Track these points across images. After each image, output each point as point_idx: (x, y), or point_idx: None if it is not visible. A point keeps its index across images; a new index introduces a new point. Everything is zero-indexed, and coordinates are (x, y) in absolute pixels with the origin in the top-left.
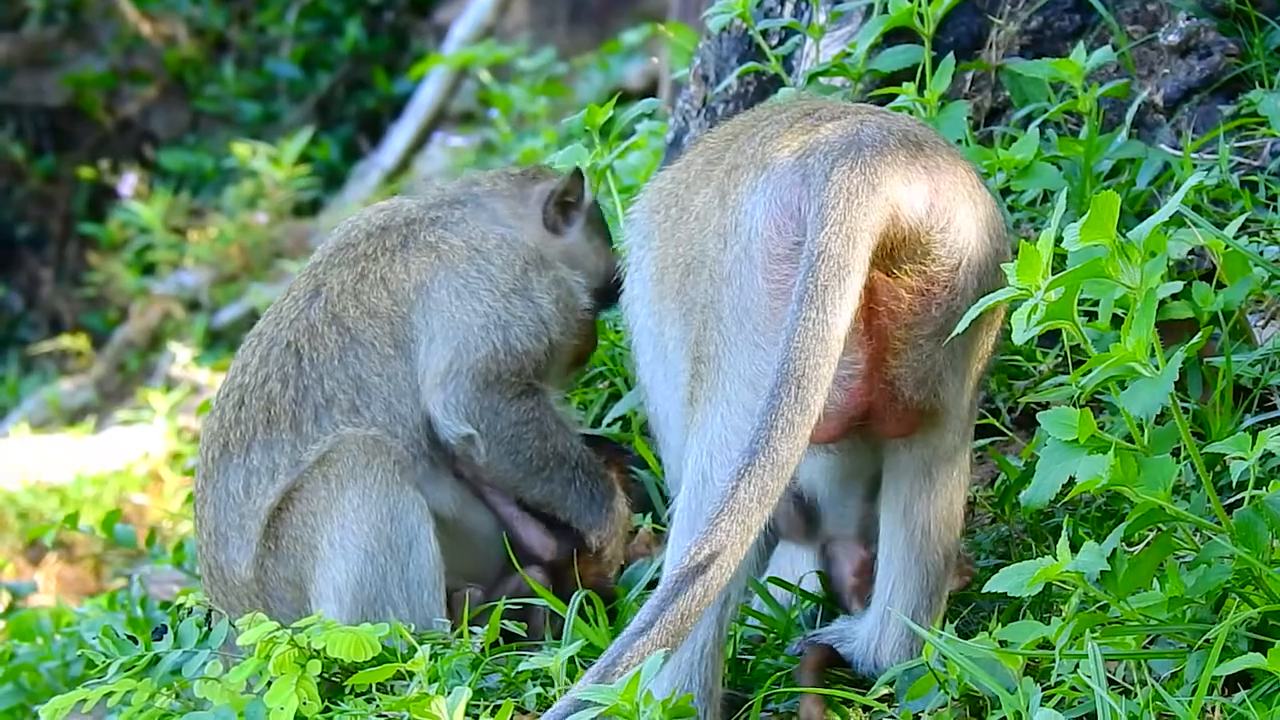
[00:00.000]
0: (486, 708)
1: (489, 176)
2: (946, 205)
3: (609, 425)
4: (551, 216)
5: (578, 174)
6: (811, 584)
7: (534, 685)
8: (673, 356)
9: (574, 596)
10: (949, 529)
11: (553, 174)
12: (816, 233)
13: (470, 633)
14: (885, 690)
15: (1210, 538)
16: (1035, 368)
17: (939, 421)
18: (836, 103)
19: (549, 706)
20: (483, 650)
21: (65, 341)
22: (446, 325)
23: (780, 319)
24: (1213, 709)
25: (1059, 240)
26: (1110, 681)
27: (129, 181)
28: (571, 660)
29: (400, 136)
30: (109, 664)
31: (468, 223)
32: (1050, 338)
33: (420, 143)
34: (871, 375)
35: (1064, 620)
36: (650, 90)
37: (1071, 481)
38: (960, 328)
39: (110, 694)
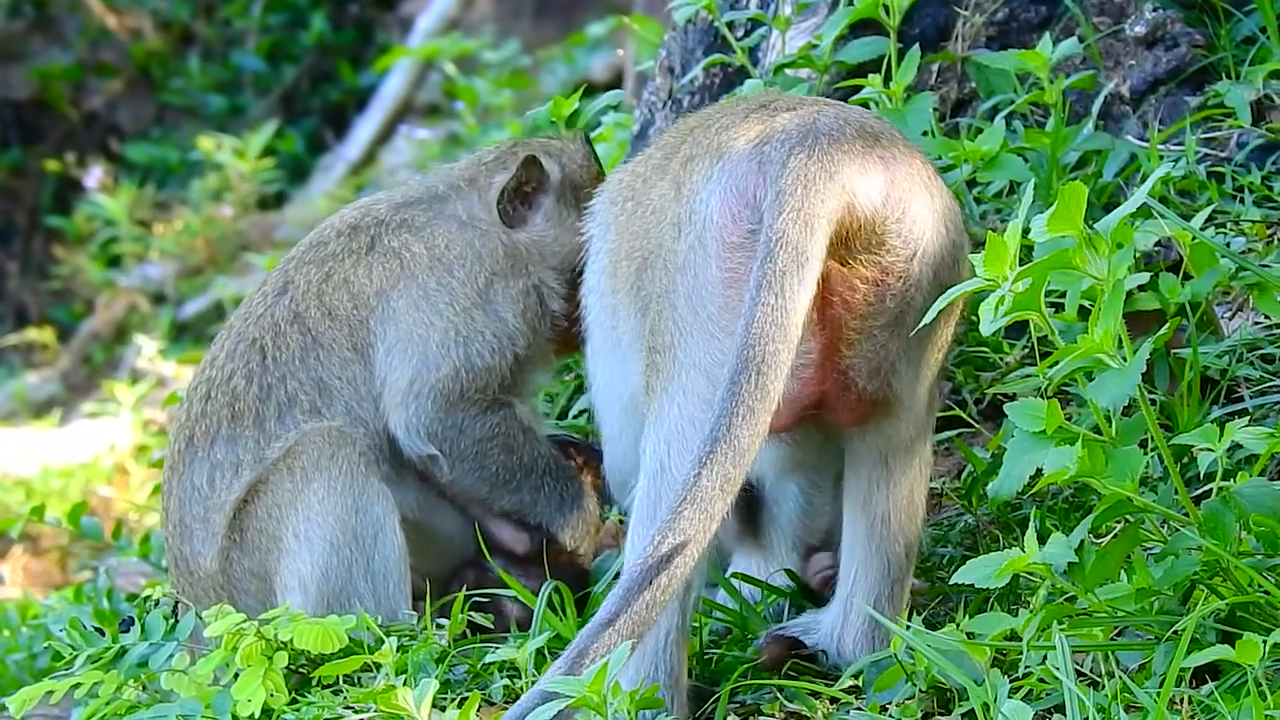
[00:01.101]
0: (454, 699)
1: (462, 169)
2: (902, 195)
3: (575, 418)
4: (508, 213)
5: (529, 162)
6: (780, 579)
7: (501, 676)
8: (627, 349)
9: (543, 587)
10: (910, 519)
11: (536, 144)
12: (774, 219)
13: (436, 625)
14: (852, 682)
15: (1178, 529)
16: (1002, 359)
17: (893, 411)
18: (794, 96)
19: (516, 698)
20: (450, 642)
21: (31, 334)
22: (403, 338)
23: (735, 308)
24: (1181, 700)
25: (1026, 231)
26: (1078, 673)
27: (94, 174)
28: (540, 652)
29: (365, 129)
30: (76, 656)
31: (433, 227)
32: (1017, 329)
33: (385, 135)
34: (824, 364)
35: (1031, 612)
36: (615, 82)
37: (1039, 473)
38: (926, 319)
39: (77, 686)
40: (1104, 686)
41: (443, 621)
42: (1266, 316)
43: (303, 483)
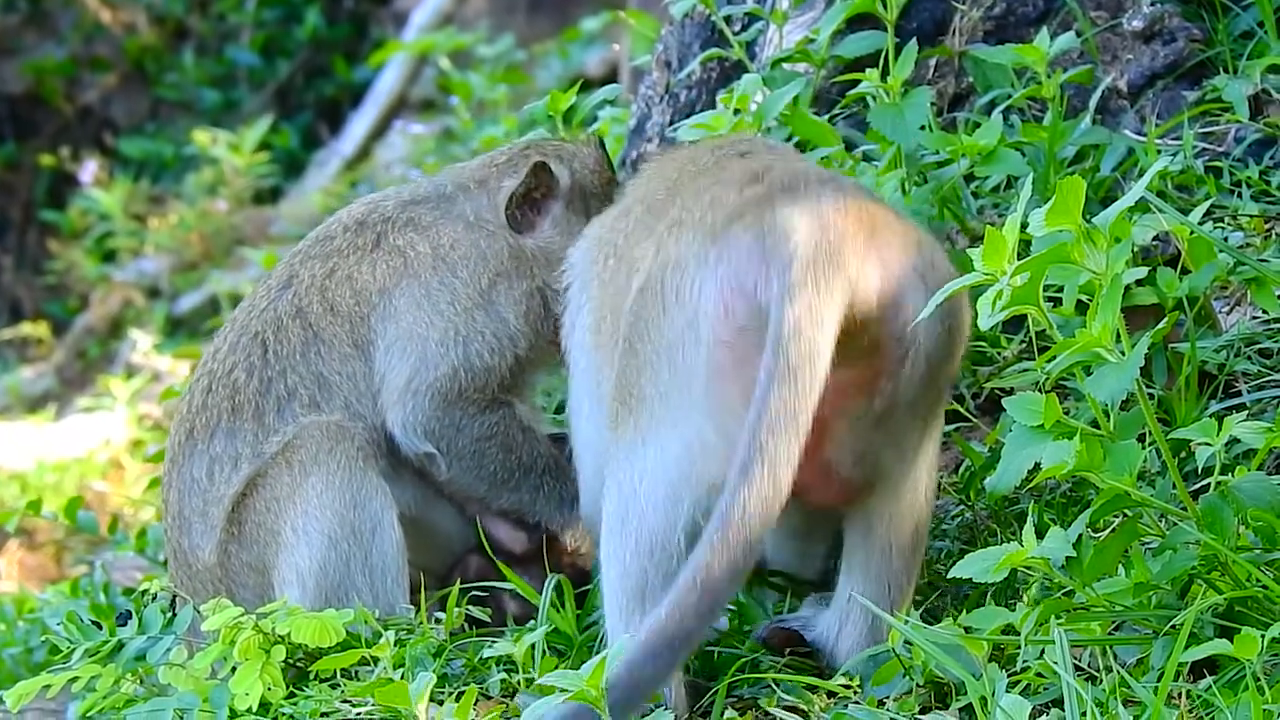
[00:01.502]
0: (451, 693)
1: (473, 169)
2: (897, 293)
3: None
4: (516, 219)
5: (539, 168)
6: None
7: (499, 671)
8: (607, 406)
9: (548, 581)
10: (914, 550)
11: (549, 148)
12: (785, 310)
13: (434, 620)
14: (846, 681)
15: (1176, 524)
16: (999, 353)
17: (884, 488)
18: (774, 148)
19: (514, 692)
20: (447, 636)
21: (26, 329)
22: (403, 335)
23: (720, 395)
24: (1179, 695)
25: (1024, 226)
26: (1075, 668)
27: (89, 169)
28: (536, 646)
29: (360, 124)
30: (73, 650)
31: (439, 227)
32: (1014, 323)
33: (380, 130)
34: (808, 458)
35: (1029, 606)
36: (610, 77)
37: (1037, 467)
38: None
39: (75, 680)
40: (1101, 681)
41: (440, 616)
42: (1264, 311)
43: (301, 477)
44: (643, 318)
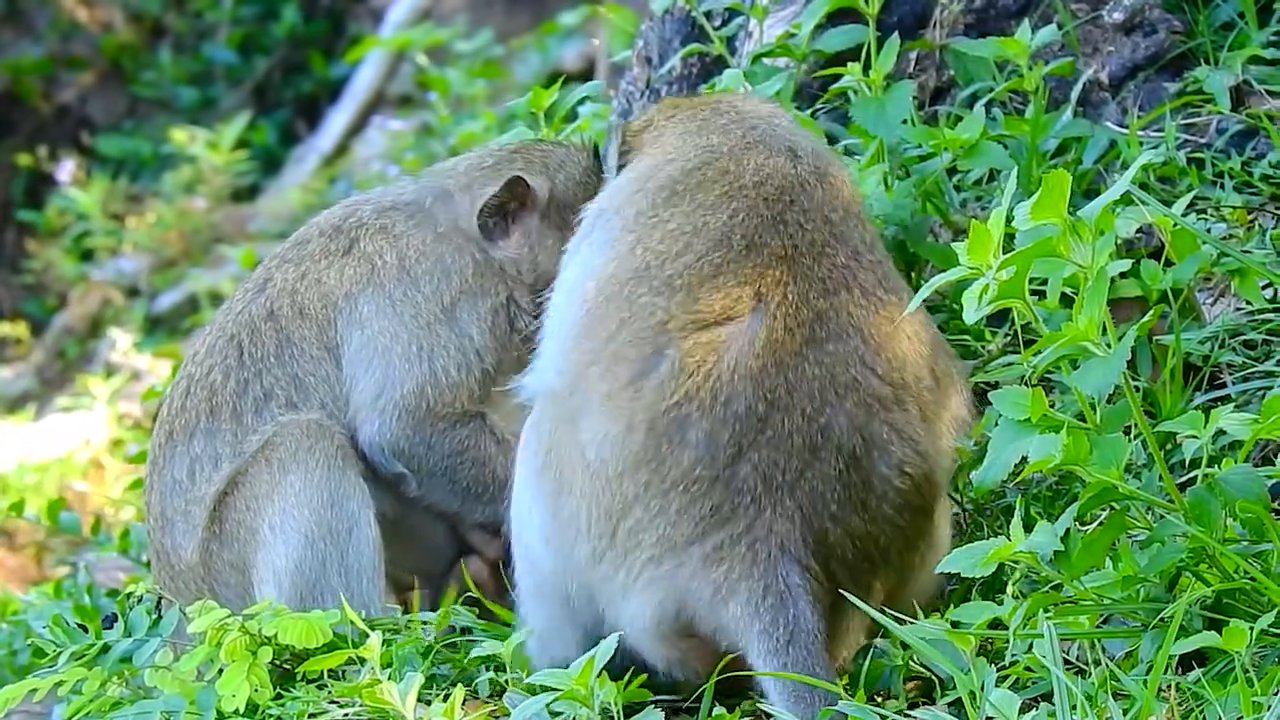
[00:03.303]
0: (439, 694)
1: (461, 172)
2: None
3: None
4: (488, 228)
5: (515, 182)
6: None
7: (486, 671)
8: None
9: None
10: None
11: (536, 155)
12: None
13: (421, 622)
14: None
15: (1164, 516)
16: (984, 347)
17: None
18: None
19: (502, 692)
20: (435, 637)
21: (4, 329)
22: (368, 344)
23: None
24: (1168, 688)
25: (1009, 219)
26: (1064, 661)
27: (67, 168)
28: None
29: (338, 120)
30: (59, 653)
31: (410, 237)
32: (999, 317)
33: (358, 126)
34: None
35: (1017, 600)
36: (588, 72)
37: (1024, 461)
38: None
39: (61, 683)
40: (1091, 674)
41: (428, 616)
42: (1248, 302)
43: (280, 474)
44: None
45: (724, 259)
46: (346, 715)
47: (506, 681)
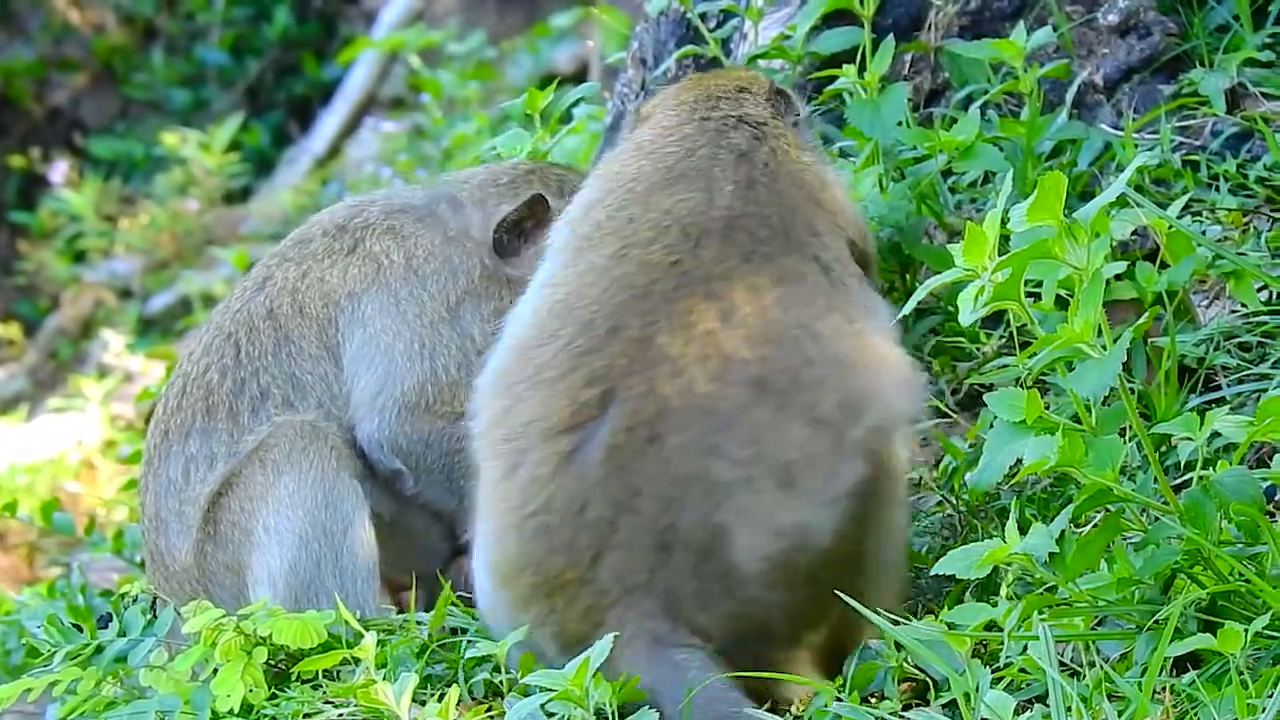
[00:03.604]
0: (434, 694)
1: (474, 186)
2: None
3: None
4: (502, 243)
5: (536, 200)
6: None
7: (481, 671)
8: None
9: None
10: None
11: (552, 177)
12: None
13: (416, 622)
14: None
15: (1158, 519)
16: (979, 349)
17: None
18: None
19: (497, 692)
20: (430, 637)
21: None
22: (369, 343)
23: None
24: (1163, 690)
25: (1004, 221)
26: (1059, 663)
27: (59, 169)
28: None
29: (330, 122)
30: (54, 653)
31: (418, 238)
32: (993, 319)
33: (351, 128)
34: None
35: (1012, 602)
36: (581, 74)
37: (1019, 463)
38: None
39: (55, 683)
40: (1085, 676)
41: (423, 617)
42: (1243, 305)
43: (274, 476)
44: None
45: (584, 347)
46: (341, 715)
47: (501, 682)
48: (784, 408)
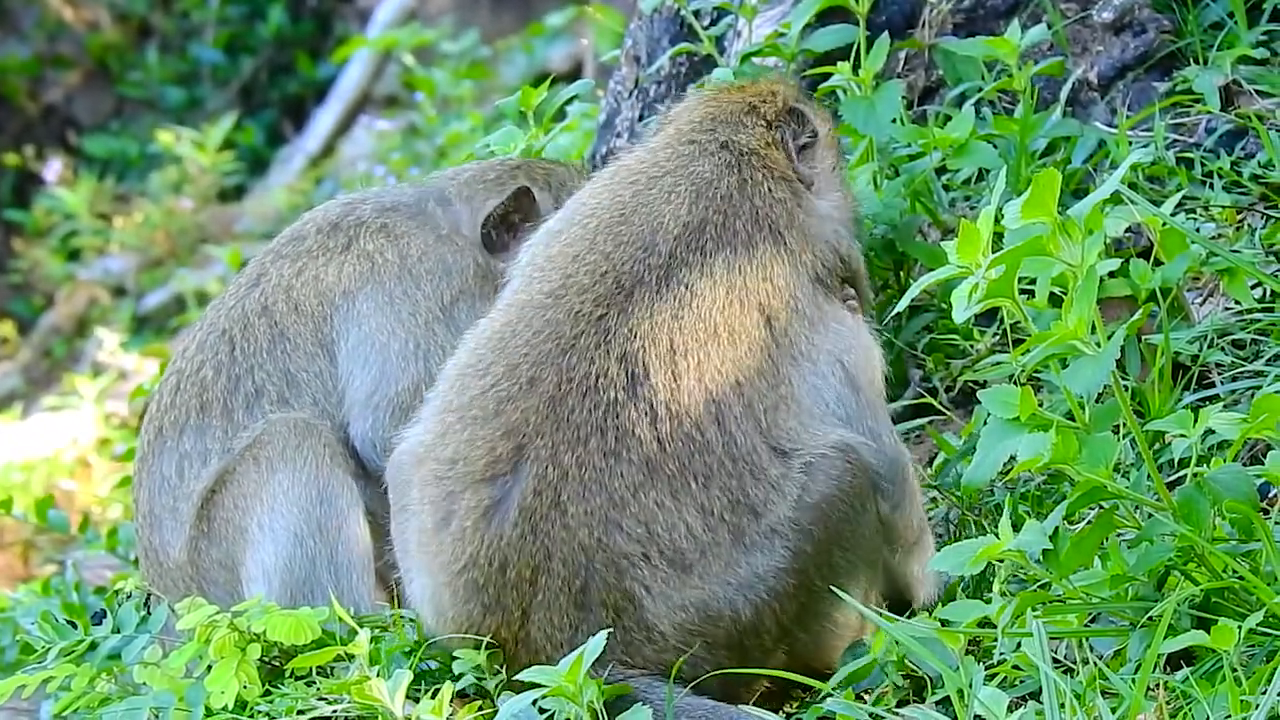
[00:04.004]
0: (427, 691)
1: (463, 182)
2: None
3: None
4: (491, 239)
5: (521, 193)
6: None
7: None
8: None
9: None
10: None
11: (539, 171)
12: None
13: (410, 619)
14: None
15: (1152, 515)
16: (972, 346)
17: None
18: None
19: (488, 691)
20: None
21: None
22: (365, 341)
23: None
24: (1156, 686)
25: (998, 218)
26: (1053, 660)
27: (54, 168)
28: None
29: (324, 121)
30: (48, 649)
31: (411, 237)
32: (987, 316)
33: (345, 126)
34: None
35: (1006, 599)
36: (575, 73)
37: (1013, 460)
38: None
39: (50, 679)
40: (1079, 673)
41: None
42: (1237, 302)
43: (268, 473)
44: None
45: (507, 393)
46: (335, 712)
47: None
48: (676, 494)
